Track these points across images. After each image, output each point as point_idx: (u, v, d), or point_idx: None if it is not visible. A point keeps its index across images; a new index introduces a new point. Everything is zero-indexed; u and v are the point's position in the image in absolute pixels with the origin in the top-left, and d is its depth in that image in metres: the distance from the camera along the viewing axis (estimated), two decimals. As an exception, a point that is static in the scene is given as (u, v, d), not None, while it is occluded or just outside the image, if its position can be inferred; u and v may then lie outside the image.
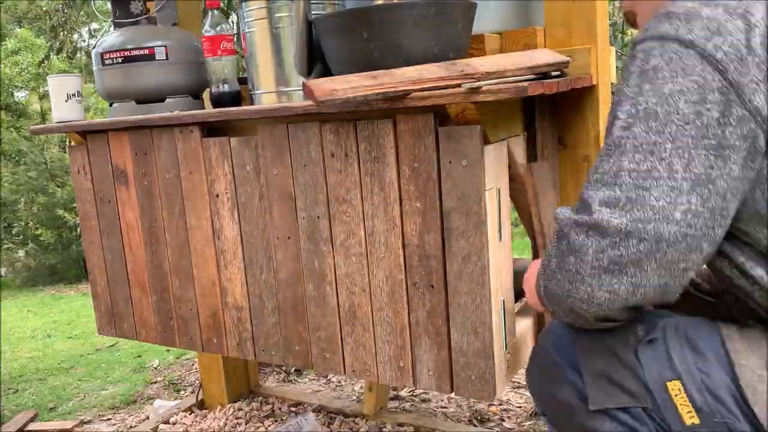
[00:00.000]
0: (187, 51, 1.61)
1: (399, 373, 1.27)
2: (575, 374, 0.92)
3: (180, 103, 1.62)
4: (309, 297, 1.35)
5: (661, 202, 0.76)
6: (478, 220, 1.13)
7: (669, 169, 0.76)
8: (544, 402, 1.00)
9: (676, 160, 0.76)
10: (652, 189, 0.76)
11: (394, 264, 1.23)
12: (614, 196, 0.78)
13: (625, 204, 0.77)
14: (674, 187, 0.76)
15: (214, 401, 2.22)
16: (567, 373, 0.93)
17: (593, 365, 0.91)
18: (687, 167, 0.76)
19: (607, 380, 0.89)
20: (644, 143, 0.78)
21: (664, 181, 0.76)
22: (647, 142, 0.77)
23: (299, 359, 1.40)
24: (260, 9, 1.37)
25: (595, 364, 0.90)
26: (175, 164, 1.49)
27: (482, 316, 1.15)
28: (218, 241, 1.47)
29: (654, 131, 0.77)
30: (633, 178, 0.78)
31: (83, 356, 3.32)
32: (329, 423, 2.05)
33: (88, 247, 1.73)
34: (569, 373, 0.93)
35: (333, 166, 1.26)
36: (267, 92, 1.42)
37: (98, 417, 2.45)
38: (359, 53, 1.21)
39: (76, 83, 1.68)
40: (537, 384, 1.02)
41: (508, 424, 2.06)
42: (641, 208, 0.76)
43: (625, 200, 0.77)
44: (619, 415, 0.87)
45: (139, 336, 1.69)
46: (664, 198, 0.76)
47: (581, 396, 0.91)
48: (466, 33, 1.26)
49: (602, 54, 1.37)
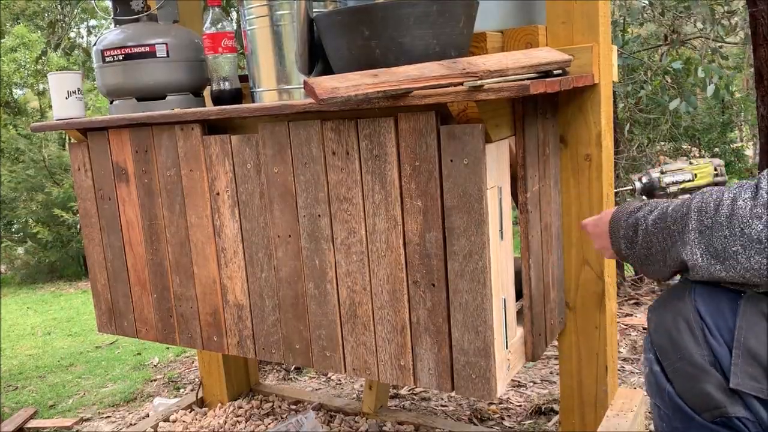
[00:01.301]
0: (188, 48, 1.61)
1: (399, 371, 1.27)
2: (720, 340, 0.88)
3: (181, 100, 1.62)
4: (309, 295, 1.35)
5: None
6: (479, 218, 1.13)
7: None
8: (664, 347, 0.94)
9: None
10: None
11: (395, 262, 1.23)
12: None
13: None
14: None
15: (214, 399, 2.22)
16: (709, 334, 0.88)
17: (749, 342, 0.86)
18: None
19: (758, 364, 0.84)
20: None
21: None
22: None
23: (299, 357, 1.40)
24: (261, 6, 1.37)
25: (751, 342, 0.85)
26: (176, 162, 1.49)
27: (483, 314, 1.15)
28: (219, 239, 1.47)
29: None
30: None
31: (83, 354, 3.32)
32: (329, 421, 2.05)
33: (88, 244, 1.73)
34: (712, 337, 0.88)
35: (334, 164, 1.26)
36: (268, 90, 1.42)
37: (98, 414, 2.45)
38: (360, 51, 1.21)
39: (77, 80, 1.68)
40: (663, 326, 0.95)
41: (508, 422, 2.06)
42: None
43: None
44: (754, 403, 0.84)
45: (139, 334, 1.69)
46: None
47: (719, 366, 0.87)
48: (468, 31, 1.26)
49: (604, 52, 1.37)
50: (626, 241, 1.03)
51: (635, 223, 1.01)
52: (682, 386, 0.91)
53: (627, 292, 3.22)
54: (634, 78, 4.11)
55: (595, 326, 1.49)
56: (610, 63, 1.43)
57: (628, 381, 2.30)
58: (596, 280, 1.46)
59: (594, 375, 1.52)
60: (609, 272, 1.48)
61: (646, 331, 0.97)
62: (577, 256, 1.47)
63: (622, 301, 3.13)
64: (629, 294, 3.22)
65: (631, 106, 4.33)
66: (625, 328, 2.80)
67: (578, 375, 1.54)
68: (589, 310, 1.49)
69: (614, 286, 1.54)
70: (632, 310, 3.03)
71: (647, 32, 4.87)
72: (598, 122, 1.39)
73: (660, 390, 0.94)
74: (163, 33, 1.59)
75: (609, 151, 1.46)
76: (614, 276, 1.52)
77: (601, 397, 1.53)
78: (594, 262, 1.45)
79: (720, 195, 0.88)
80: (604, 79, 1.39)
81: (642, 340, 2.67)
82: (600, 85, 1.37)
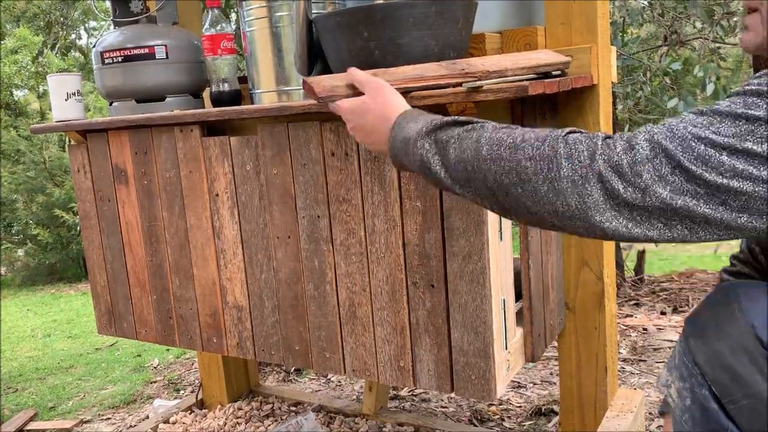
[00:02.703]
0: (187, 50, 1.61)
1: (399, 372, 1.27)
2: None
3: (180, 102, 1.62)
4: (309, 296, 1.35)
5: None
6: (478, 219, 1.13)
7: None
8: (724, 383, 0.85)
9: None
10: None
11: (394, 263, 1.23)
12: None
13: None
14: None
15: (214, 401, 2.22)
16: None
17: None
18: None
19: None
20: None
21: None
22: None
23: (299, 359, 1.40)
24: (260, 8, 1.37)
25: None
26: (175, 163, 1.49)
27: (482, 315, 1.15)
28: (218, 241, 1.47)
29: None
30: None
31: (83, 355, 3.32)
32: (329, 423, 2.05)
33: (88, 246, 1.73)
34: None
35: (333, 165, 1.26)
36: (267, 91, 1.42)
37: (98, 416, 2.45)
38: (359, 52, 1.21)
39: (76, 82, 1.68)
40: (719, 360, 0.85)
41: (508, 423, 2.06)
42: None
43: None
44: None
45: (138, 335, 1.69)
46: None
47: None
48: (467, 32, 1.26)
49: (603, 53, 1.37)
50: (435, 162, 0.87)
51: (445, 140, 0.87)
52: (750, 425, 0.83)
53: (627, 293, 3.22)
54: (633, 79, 4.11)
55: (594, 327, 1.49)
56: (609, 64, 1.43)
57: (627, 382, 2.30)
58: (596, 281, 1.46)
59: (594, 376, 1.52)
60: (608, 273, 1.48)
61: (691, 361, 0.87)
62: (576, 256, 1.47)
63: (622, 301, 3.13)
64: (629, 295, 3.22)
65: (631, 107, 4.33)
66: (625, 329, 2.80)
67: (578, 376, 1.54)
68: (589, 310, 1.49)
69: (614, 286, 1.54)
70: (632, 311, 3.03)
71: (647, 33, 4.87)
72: (597, 123, 1.39)
73: (717, 429, 0.86)
74: (163, 35, 1.59)
75: (608, 151, 1.46)
76: (614, 277, 1.52)
77: (600, 398, 1.53)
78: (593, 262, 1.45)
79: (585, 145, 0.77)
80: (603, 80, 1.39)
81: (642, 341, 2.67)
82: (599, 85, 1.37)
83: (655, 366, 2.43)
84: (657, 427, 1.97)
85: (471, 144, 0.84)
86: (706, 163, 0.72)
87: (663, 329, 2.78)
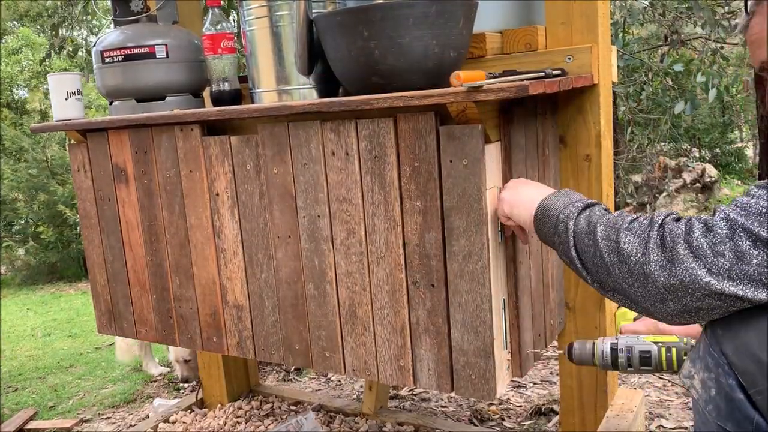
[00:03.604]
0: (188, 49, 1.61)
1: (399, 372, 1.27)
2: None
3: (180, 101, 1.62)
4: (309, 296, 1.35)
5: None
6: (478, 219, 1.12)
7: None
8: (752, 373, 0.85)
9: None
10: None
11: (394, 263, 1.23)
12: None
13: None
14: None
15: (214, 400, 2.22)
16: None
17: None
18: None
19: None
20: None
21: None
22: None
23: (299, 358, 1.40)
24: (261, 7, 1.37)
25: None
26: (175, 163, 1.49)
27: (483, 315, 1.15)
28: (218, 240, 1.46)
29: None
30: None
31: (83, 355, 3.32)
32: (329, 422, 2.05)
33: (88, 245, 1.73)
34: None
35: (333, 164, 1.26)
36: (267, 91, 1.42)
37: (98, 415, 2.45)
38: (360, 52, 1.21)
39: (76, 81, 1.68)
40: (747, 349, 0.86)
41: (508, 423, 2.06)
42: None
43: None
44: None
45: (138, 334, 1.69)
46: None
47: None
48: (467, 32, 1.26)
49: (603, 53, 1.37)
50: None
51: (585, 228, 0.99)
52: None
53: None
54: (634, 79, 4.11)
55: (594, 326, 1.49)
56: (609, 63, 1.43)
57: (627, 381, 2.30)
58: (596, 281, 1.45)
59: (594, 375, 1.52)
60: (609, 273, 1.47)
61: (718, 351, 0.87)
62: (576, 256, 1.46)
63: (623, 301, 3.12)
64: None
65: (632, 107, 4.32)
66: (626, 329, 2.80)
67: (578, 375, 1.54)
68: (589, 310, 1.49)
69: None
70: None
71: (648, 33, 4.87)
72: (597, 123, 1.39)
73: (743, 419, 0.86)
74: (163, 34, 1.59)
75: (609, 151, 1.46)
76: (614, 276, 1.52)
77: (601, 398, 1.53)
78: (594, 262, 1.45)
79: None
80: (604, 80, 1.39)
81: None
82: (599, 85, 1.37)
83: (656, 366, 2.42)
84: (657, 427, 1.97)
85: (594, 220, 0.97)
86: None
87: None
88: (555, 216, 1.03)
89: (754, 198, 0.81)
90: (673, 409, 2.08)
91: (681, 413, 2.03)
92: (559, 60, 1.35)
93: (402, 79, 1.21)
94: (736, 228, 0.80)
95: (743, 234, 0.80)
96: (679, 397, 2.14)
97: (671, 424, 1.97)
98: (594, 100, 1.38)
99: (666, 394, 2.19)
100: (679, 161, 6.18)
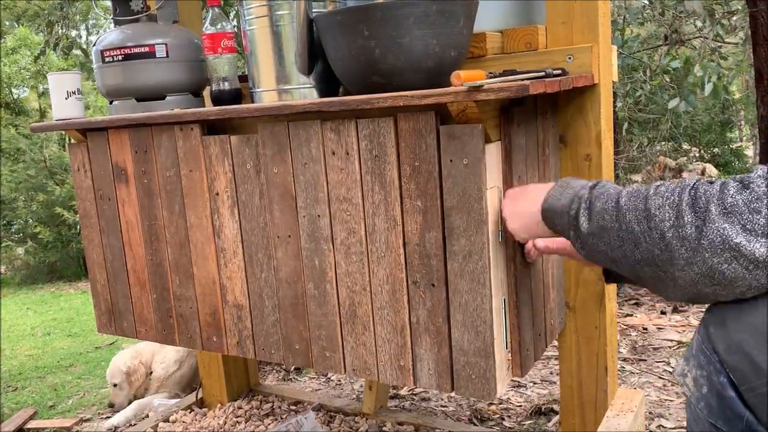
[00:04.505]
0: (188, 49, 1.61)
1: (399, 372, 1.27)
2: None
3: (180, 100, 1.62)
4: (309, 295, 1.35)
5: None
6: (479, 218, 1.12)
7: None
8: (743, 371, 0.84)
9: None
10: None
11: (394, 263, 1.22)
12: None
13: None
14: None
15: (214, 400, 2.22)
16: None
17: None
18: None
19: None
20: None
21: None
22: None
23: (299, 358, 1.40)
24: (261, 7, 1.37)
25: None
26: (175, 162, 1.49)
27: (483, 314, 1.15)
28: (218, 240, 1.46)
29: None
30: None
31: (83, 354, 3.32)
32: (329, 422, 2.05)
33: (88, 245, 1.73)
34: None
35: (333, 164, 1.26)
36: (267, 90, 1.42)
37: (98, 415, 2.45)
38: (360, 51, 1.21)
39: (76, 81, 1.68)
40: (739, 347, 0.85)
41: (508, 423, 2.06)
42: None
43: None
44: None
45: (138, 334, 1.68)
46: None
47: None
48: (468, 31, 1.26)
49: (604, 52, 1.37)
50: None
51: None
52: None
53: (627, 293, 3.22)
54: (633, 78, 4.11)
55: (595, 326, 1.49)
56: (609, 63, 1.43)
57: (628, 381, 2.30)
58: (596, 280, 1.45)
59: (594, 375, 1.52)
60: (609, 272, 1.48)
61: (710, 349, 0.87)
62: (577, 256, 1.47)
63: (622, 301, 3.13)
64: (629, 294, 3.21)
65: (631, 106, 4.33)
66: (625, 329, 2.80)
67: (578, 375, 1.54)
68: (589, 310, 1.49)
69: (614, 286, 1.54)
70: (632, 310, 3.03)
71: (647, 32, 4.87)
72: (597, 122, 1.39)
73: (734, 417, 0.85)
74: (163, 33, 1.59)
75: (609, 151, 1.46)
76: (614, 276, 1.52)
77: (601, 398, 1.53)
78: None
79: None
80: (604, 79, 1.39)
81: (642, 340, 2.67)
82: (600, 85, 1.37)
83: (655, 365, 2.43)
84: (657, 427, 1.97)
85: (613, 195, 0.93)
86: None
87: (663, 329, 2.78)
88: (566, 207, 1.01)
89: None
90: (673, 409, 2.08)
91: (681, 413, 2.04)
92: (560, 59, 1.35)
93: (402, 78, 1.21)
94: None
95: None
96: (679, 397, 2.15)
97: (671, 424, 1.97)
98: (594, 100, 1.38)
99: (666, 394, 2.20)
100: (679, 161, 6.18)
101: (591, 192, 0.98)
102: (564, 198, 1.02)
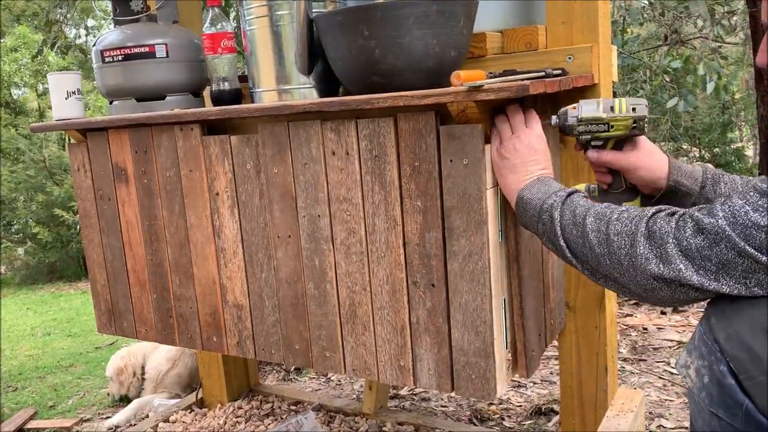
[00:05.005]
0: (188, 49, 1.61)
1: (399, 372, 1.27)
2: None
3: (180, 101, 1.62)
4: (309, 295, 1.35)
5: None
6: (479, 219, 1.12)
7: None
8: (742, 359, 0.87)
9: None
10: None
11: (394, 263, 1.22)
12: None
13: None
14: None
15: (214, 400, 2.22)
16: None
17: None
18: None
19: None
20: None
21: None
22: None
23: (299, 358, 1.40)
24: (261, 7, 1.37)
25: None
26: (175, 162, 1.49)
27: (483, 315, 1.15)
28: (218, 240, 1.46)
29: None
30: None
31: (83, 354, 3.32)
32: (329, 422, 2.05)
33: (88, 245, 1.73)
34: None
35: (334, 164, 1.26)
36: (267, 90, 1.42)
37: (98, 415, 2.45)
38: (360, 51, 1.21)
39: (76, 80, 1.67)
40: (738, 337, 0.89)
41: (508, 423, 2.06)
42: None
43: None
44: None
45: (138, 334, 1.68)
46: None
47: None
48: (468, 31, 1.26)
49: (604, 52, 1.37)
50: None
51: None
52: (765, 401, 0.85)
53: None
54: (633, 78, 4.11)
55: (595, 326, 1.49)
56: (609, 63, 1.43)
57: (628, 381, 2.30)
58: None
59: (594, 375, 1.52)
60: (609, 272, 1.47)
61: (711, 339, 0.90)
62: (577, 256, 1.46)
63: (622, 301, 3.13)
64: (629, 294, 3.21)
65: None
66: (625, 329, 2.80)
67: (578, 375, 1.54)
68: (589, 310, 1.49)
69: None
70: (632, 310, 3.03)
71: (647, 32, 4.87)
72: (597, 122, 1.39)
73: (733, 405, 0.88)
74: (163, 33, 1.59)
75: (609, 151, 1.45)
76: (614, 276, 1.52)
77: (601, 398, 1.53)
78: (594, 262, 1.45)
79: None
80: (604, 79, 1.39)
81: (642, 340, 2.67)
82: (600, 85, 1.36)
83: (655, 365, 2.43)
84: (657, 427, 1.97)
85: (581, 212, 1.00)
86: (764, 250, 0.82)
87: (663, 329, 2.78)
88: (537, 206, 1.06)
89: (747, 204, 0.84)
90: (673, 409, 2.08)
91: (681, 413, 2.04)
92: (560, 59, 1.35)
93: (402, 78, 1.21)
94: (723, 237, 0.84)
95: (728, 244, 0.84)
96: (679, 397, 2.15)
97: (671, 424, 1.97)
98: (594, 100, 1.38)
99: (666, 394, 2.20)
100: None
101: (561, 205, 1.03)
102: (536, 199, 1.07)
